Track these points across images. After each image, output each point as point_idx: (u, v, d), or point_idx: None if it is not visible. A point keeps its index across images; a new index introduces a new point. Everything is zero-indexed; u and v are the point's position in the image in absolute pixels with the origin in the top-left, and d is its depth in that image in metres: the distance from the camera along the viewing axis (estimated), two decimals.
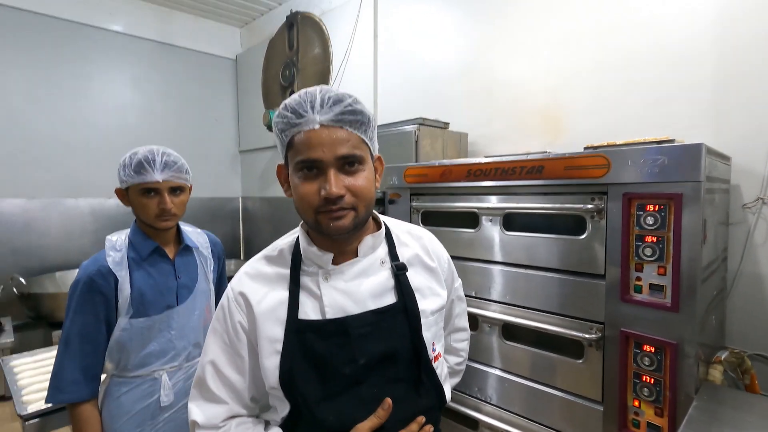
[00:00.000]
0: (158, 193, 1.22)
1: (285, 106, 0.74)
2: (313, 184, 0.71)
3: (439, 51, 2.69)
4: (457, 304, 1.00)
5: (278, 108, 0.76)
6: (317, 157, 0.70)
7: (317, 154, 0.70)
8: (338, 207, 0.71)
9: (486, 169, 1.52)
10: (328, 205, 0.70)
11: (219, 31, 4.42)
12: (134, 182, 1.21)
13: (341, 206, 0.71)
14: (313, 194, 0.71)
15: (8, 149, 3.31)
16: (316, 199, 0.71)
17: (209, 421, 0.78)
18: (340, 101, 0.72)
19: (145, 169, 1.19)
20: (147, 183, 1.20)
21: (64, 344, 1.16)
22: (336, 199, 0.70)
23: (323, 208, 0.71)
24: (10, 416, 2.54)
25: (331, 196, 0.69)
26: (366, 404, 0.75)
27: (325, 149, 0.70)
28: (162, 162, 1.22)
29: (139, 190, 1.21)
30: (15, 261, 3.32)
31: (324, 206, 0.71)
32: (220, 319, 0.80)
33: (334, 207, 0.71)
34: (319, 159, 0.70)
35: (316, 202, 0.71)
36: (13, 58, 3.31)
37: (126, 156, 1.23)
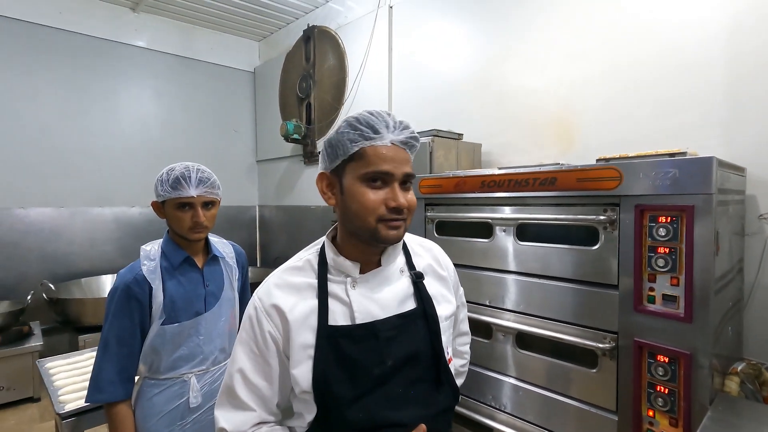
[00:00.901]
0: (192, 207, 1.29)
1: (358, 120, 0.79)
2: (379, 193, 0.78)
3: (452, 63, 2.74)
4: (461, 309, 1.07)
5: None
6: (388, 170, 0.77)
7: (389, 167, 0.77)
8: (400, 217, 0.79)
9: (500, 181, 1.56)
10: (393, 214, 0.77)
11: (238, 45, 4.56)
12: (171, 197, 1.28)
13: (402, 217, 0.79)
14: (379, 203, 0.77)
15: (39, 160, 3.47)
16: (381, 209, 0.77)
17: (237, 428, 0.81)
18: (408, 128, 0.81)
19: (182, 185, 1.27)
20: (182, 198, 1.27)
21: (103, 347, 1.23)
22: (401, 210, 0.78)
23: (387, 217, 0.78)
24: (39, 417, 2.64)
25: (401, 206, 0.77)
26: (392, 402, 0.80)
27: (396, 165, 0.77)
28: (197, 178, 1.29)
29: (175, 204, 1.28)
30: (44, 267, 3.45)
31: (388, 215, 0.77)
32: (247, 329, 0.84)
33: (398, 217, 0.78)
34: (390, 172, 0.77)
35: (381, 211, 0.77)
36: (46, 74, 3.48)
37: (163, 172, 1.31)
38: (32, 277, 3.36)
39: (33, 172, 3.44)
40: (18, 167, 3.37)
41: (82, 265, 3.66)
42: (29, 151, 3.42)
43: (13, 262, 3.35)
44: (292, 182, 4.25)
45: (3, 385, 2.71)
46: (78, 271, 3.61)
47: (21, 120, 3.39)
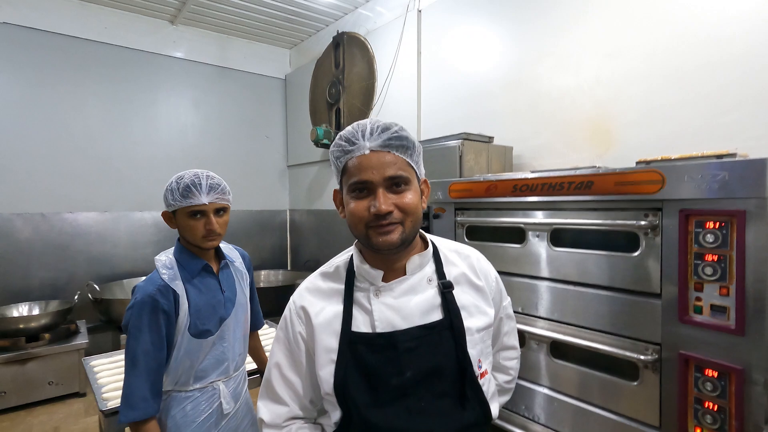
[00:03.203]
0: (205, 215, 1.26)
1: (340, 137, 0.83)
2: (363, 201, 0.78)
3: (482, 65, 2.70)
4: (505, 322, 1.01)
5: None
6: (367, 178, 0.77)
7: (367, 175, 0.77)
8: (387, 222, 0.77)
9: (533, 185, 1.52)
10: (378, 220, 0.77)
11: (270, 53, 4.68)
12: (182, 205, 1.25)
13: (390, 221, 0.77)
14: (363, 210, 0.78)
15: (86, 168, 3.67)
16: (366, 215, 0.78)
17: (273, 421, 0.86)
18: (388, 129, 0.80)
19: (193, 192, 1.24)
20: (194, 206, 1.24)
21: (131, 364, 1.17)
22: (385, 214, 0.76)
23: (373, 223, 0.77)
24: (84, 411, 2.78)
25: (381, 212, 0.76)
26: (413, 416, 0.78)
27: (374, 171, 0.77)
28: (207, 185, 1.27)
29: (187, 213, 1.25)
30: (90, 269, 3.65)
31: (374, 221, 0.77)
32: (283, 328, 0.89)
33: (384, 222, 0.77)
34: (369, 180, 0.77)
35: (366, 218, 0.78)
36: (92, 86, 3.69)
37: (172, 181, 1.28)
38: (79, 278, 3.55)
39: (80, 178, 3.65)
40: (67, 174, 3.58)
41: (124, 266, 3.83)
42: (77, 159, 3.63)
43: (62, 264, 3.55)
44: (322, 186, 4.30)
45: (52, 380, 2.87)
46: (120, 273, 3.79)
47: (70, 130, 3.60)
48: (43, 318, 2.95)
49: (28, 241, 3.43)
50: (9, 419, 2.68)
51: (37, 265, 3.45)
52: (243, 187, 4.37)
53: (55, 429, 2.57)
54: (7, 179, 3.34)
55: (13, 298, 3.28)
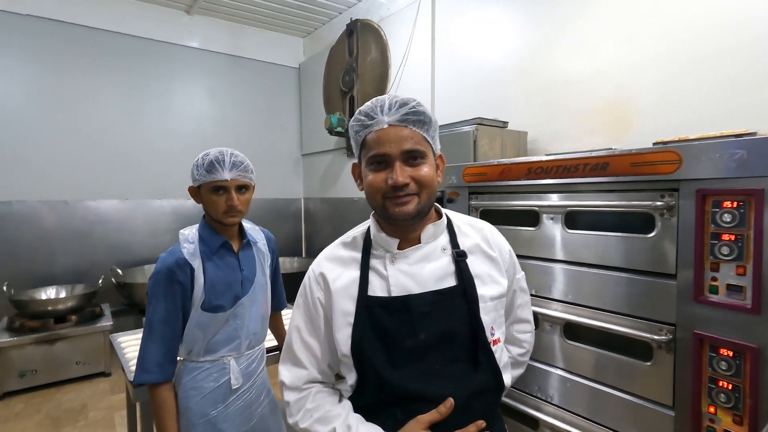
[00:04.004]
0: (226, 191, 1.30)
1: (359, 111, 0.86)
2: (381, 174, 0.82)
3: (497, 50, 2.68)
4: (519, 294, 1.03)
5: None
6: (385, 151, 0.81)
7: (385, 149, 0.81)
8: (404, 193, 0.81)
9: (547, 167, 1.52)
10: (395, 191, 0.80)
11: (283, 42, 4.70)
12: (206, 180, 1.29)
13: (406, 192, 0.81)
14: (381, 182, 0.82)
15: (106, 156, 3.77)
16: (383, 186, 0.81)
17: (293, 383, 0.90)
18: (405, 104, 0.83)
19: (216, 168, 1.28)
20: (217, 181, 1.29)
21: (148, 330, 1.24)
22: (402, 186, 0.80)
23: (390, 194, 0.81)
24: (110, 390, 2.90)
25: (398, 184, 0.79)
26: (427, 378, 0.82)
27: (392, 145, 0.81)
28: (230, 162, 1.31)
29: (210, 188, 1.30)
30: (112, 255, 3.76)
31: (391, 192, 0.81)
32: (302, 294, 0.93)
33: (400, 193, 0.81)
34: (387, 153, 0.81)
35: (384, 189, 0.82)
36: (109, 76, 3.77)
37: (199, 157, 1.33)
38: (102, 263, 3.67)
39: (100, 167, 3.74)
40: (88, 163, 3.68)
41: (144, 253, 3.94)
42: (97, 147, 3.72)
43: (85, 250, 3.67)
44: (336, 174, 4.33)
45: (80, 360, 3.00)
46: (140, 259, 3.90)
47: (90, 119, 3.69)
48: (70, 301, 3.07)
49: (52, 228, 3.55)
50: (40, 396, 2.81)
51: (62, 251, 3.58)
52: (258, 175, 4.36)
53: (83, 406, 2.69)
54: (32, 168, 3.45)
55: (40, 282, 3.41)
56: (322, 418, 0.85)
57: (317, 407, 0.86)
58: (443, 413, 0.78)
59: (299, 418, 0.87)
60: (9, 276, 3.24)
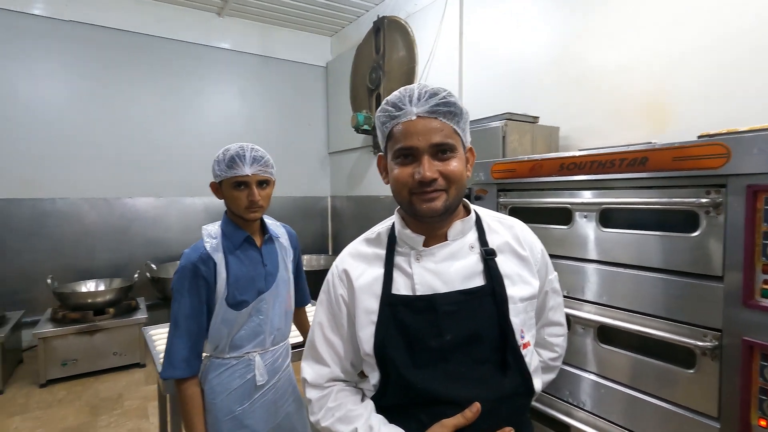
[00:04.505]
0: (248, 186, 1.29)
1: (386, 101, 0.82)
2: (408, 168, 0.78)
3: (527, 44, 2.60)
4: (551, 296, 0.97)
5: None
6: (412, 144, 0.77)
7: (413, 141, 0.77)
8: (432, 189, 0.77)
9: (580, 163, 1.45)
10: (422, 187, 0.77)
11: (311, 42, 4.74)
12: (227, 176, 1.29)
13: (434, 188, 0.77)
14: (407, 177, 0.78)
15: (142, 155, 3.91)
16: (410, 181, 0.78)
17: (316, 381, 0.88)
18: (436, 94, 0.79)
19: (237, 164, 1.28)
20: (238, 177, 1.28)
21: (174, 325, 1.24)
22: (429, 181, 0.76)
23: (417, 190, 0.78)
24: (144, 380, 3.01)
25: (425, 179, 0.75)
26: (452, 380, 0.78)
27: (420, 137, 0.76)
28: (251, 157, 1.30)
29: (231, 184, 1.29)
30: (148, 250, 3.90)
31: (418, 188, 0.77)
32: (325, 291, 0.91)
33: (428, 189, 0.77)
34: (415, 146, 0.77)
35: (410, 184, 0.78)
36: (146, 78, 3.91)
37: (219, 152, 1.34)
38: (138, 258, 3.82)
39: (137, 165, 3.89)
40: (126, 162, 3.83)
41: (177, 248, 4.07)
42: (134, 147, 3.87)
43: (122, 245, 3.83)
44: (362, 172, 4.34)
45: (117, 351, 3.12)
46: (173, 254, 4.03)
47: (127, 120, 3.84)
48: (108, 294, 3.20)
49: (93, 224, 3.72)
50: (80, 384, 2.95)
51: (101, 246, 3.75)
52: (285, 173, 4.47)
53: (119, 395, 2.80)
54: (75, 166, 3.62)
55: (81, 275, 3.58)
56: (344, 417, 0.83)
57: (339, 406, 0.85)
58: (469, 418, 0.75)
59: (321, 416, 0.86)
60: (53, 269, 3.42)
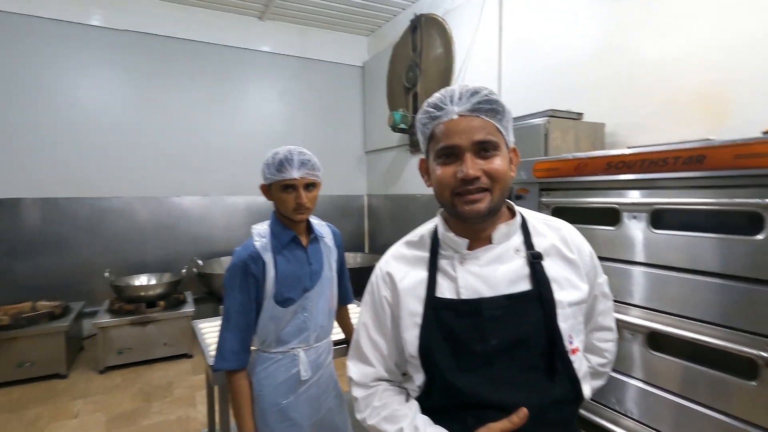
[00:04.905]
0: (295, 189, 1.34)
1: (427, 103, 0.82)
2: (450, 167, 0.77)
3: (570, 37, 2.52)
4: (600, 300, 0.94)
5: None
6: (454, 143, 0.76)
7: (455, 140, 0.76)
8: (475, 188, 0.76)
9: (630, 161, 1.40)
10: (465, 186, 0.76)
11: (348, 42, 4.79)
12: (276, 179, 1.34)
13: (478, 187, 0.76)
14: (450, 176, 0.77)
15: (188, 156, 4.10)
16: (452, 181, 0.77)
17: (361, 380, 0.90)
18: (477, 92, 0.78)
19: (285, 167, 1.32)
20: (286, 180, 1.33)
21: (225, 319, 1.32)
22: (472, 180, 0.75)
23: (459, 189, 0.77)
24: (192, 370, 3.17)
25: (468, 176, 0.74)
26: (498, 386, 0.77)
27: (462, 136, 0.76)
28: (299, 161, 1.34)
29: (280, 187, 1.34)
30: (194, 246, 4.10)
31: (460, 187, 0.76)
32: (370, 292, 0.93)
33: (471, 188, 0.76)
34: (457, 145, 0.76)
35: (453, 184, 0.77)
36: (193, 82, 4.09)
37: (269, 155, 1.38)
38: (185, 254, 4.01)
39: (184, 166, 4.08)
40: (173, 162, 4.03)
41: (220, 245, 4.24)
42: (181, 148, 4.07)
43: (171, 242, 4.04)
44: (399, 171, 4.35)
45: (167, 342, 3.30)
46: (217, 251, 4.20)
47: (175, 123, 4.04)
48: (159, 288, 3.39)
49: (144, 221, 3.94)
50: (134, 372, 3.15)
51: (152, 243, 3.97)
52: (323, 172, 4.52)
53: (170, 384, 2.96)
54: (128, 167, 3.86)
55: (134, 269, 3.81)
56: (390, 416, 0.84)
57: (384, 405, 0.86)
58: (516, 423, 0.74)
59: (367, 414, 0.87)
60: (109, 263, 3.65)
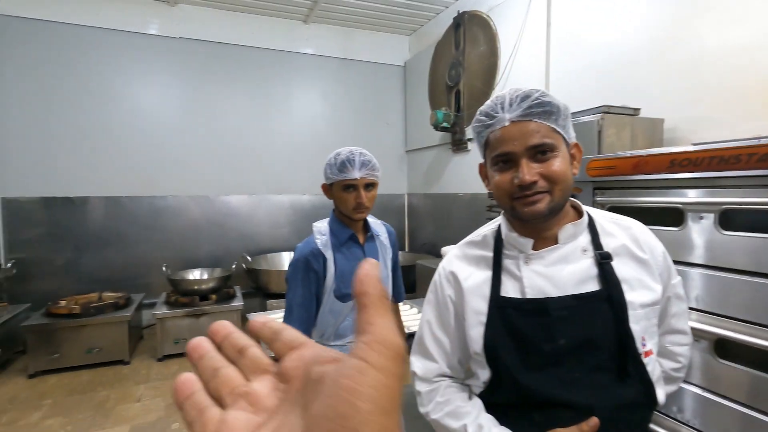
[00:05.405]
0: (356, 189, 1.38)
1: (480, 112, 0.83)
2: (507, 174, 0.79)
3: (624, 29, 2.41)
4: (674, 302, 0.91)
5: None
6: (509, 149, 0.77)
7: (508, 147, 0.77)
8: (533, 192, 0.76)
9: (696, 159, 1.33)
10: (523, 191, 0.76)
11: (390, 42, 4.83)
12: (337, 179, 1.39)
13: (535, 191, 0.76)
14: (508, 182, 0.78)
15: (236, 156, 4.28)
16: (510, 187, 0.78)
17: (425, 375, 0.92)
18: (528, 96, 0.77)
19: (347, 168, 1.37)
20: (347, 180, 1.37)
21: (288, 312, 1.39)
22: (529, 185, 0.75)
23: (518, 194, 0.78)
24: None
25: (524, 182, 0.75)
26: (566, 385, 0.77)
27: (516, 142, 0.76)
28: (360, 161, 1.39)
29: (341, 186, 1.39)
30: (242, 243, 4.28)
31: (518, 192, 0.77)
32: (433, 291, 0.95)
33: (529, 192, 0.76)
34: (511, 151, 0.77)
35: (511, 190, 0.78)
36: (241, 85, 4.26)
37: (331, 156, 1.43)
38: (234, 250, 4.20)
39: (232, 166, 4.27)
40: (222, 162, 4.23)
41: (266, 243, 4.40)
42: (230, 149, 4.25)
43: (221, 239, 4.24)
44: (441, 170, 4.33)
45: None
46: (264, 248, 4.37)
47: (225, 125, 4.23)
48: (211, 282, 3.57)
49: (197, 219, 4.16)
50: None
51: (204, 239, 4.18)
52: None
53: None
54: (182, 167, 4.08)
55: (188, 264, 4.03)
56: (453, 412, 0.86)
57: (447, 401, 0.88)
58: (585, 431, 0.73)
59: (430, 408, 0.89)
60: (166, 258, 3.89)
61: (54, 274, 3.70)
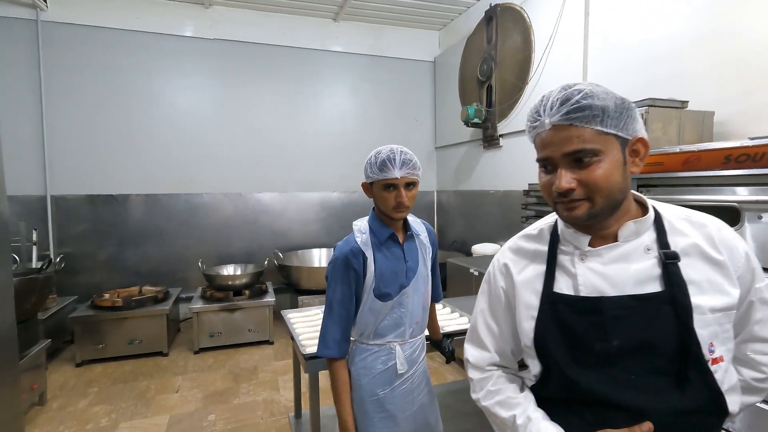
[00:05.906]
0: (396, 188, 1.36)
1: (530, 111, 0.82)
2: (548, 177, 0.78)
3: (670, 16, 2.29)
4: (758, 308, 0.82)
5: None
6: (547, 155, 0.77)
7: (547, 152, 0.77)
8: (569, 199, 0.75)
9: (755, 154, 1.25)
10: (561, 197, 0.76)
11: (419, 38, 4.78)
12: (378, 178, 1.37)
13: (572, 198, 0.75)
14: (548, 187, 0.78)
15: (267, 154, 4.36)
16: (550, 191, 0.78)
17: (478, 363, 0.94)
18: (567, 100, 0.74)
19: (387, 167, 1.35)
20: (388, 179, 1.35)
21: (328, 309, 1.39)
22: (566, 192, 0.74)
23: (557, 199, 0.77)
24: (274, 356, 3.38)
25: (560, 190, 0.75)
26: (618, 385, 0.74)
27: (553, 148, 0.75)
28: (401, 160, 1.35)
29: (382, 185, 1.37)
30: (274, 240, 4.36)
31: (557, 198, 0.77)
32: (487, 281, 0.96)
33: (566, 199, 0.76)
34: (548, 157, 0.77)
35: (551, 194, 0.78)
36: (272, 84, 4.33)
37: (372, 155, 1.41)
38: (266, 247, 4.28)
39: (264, 163, 4.35)
40: (254, 161, 4.32)
41: (297, 239, 4.47)
42: (262, 147, 4.34)
43: (253, 235, 4.33)
44: (471, 167, 4.27)
45: (251, 328, 3.56)
46: (294, 244, 4.44)
47: (257, 123, 4.31)
48: (244, 278, 3.65)
49: (230, 216, 4.27)
50: (223, 354, 3.43)
51: (237, 235, 4.29)
52: None
53: (254, 367, 3.18)
54: (217, 165, 4.19)
55: (222, 260, 4.14)
56: (504, 402, 0.87)
57: (499, 390, 0.89)
58: None
59: (482, 395, 0.91)
60: (201, 254, 4.01)
61: (98, 268, 3.89)
